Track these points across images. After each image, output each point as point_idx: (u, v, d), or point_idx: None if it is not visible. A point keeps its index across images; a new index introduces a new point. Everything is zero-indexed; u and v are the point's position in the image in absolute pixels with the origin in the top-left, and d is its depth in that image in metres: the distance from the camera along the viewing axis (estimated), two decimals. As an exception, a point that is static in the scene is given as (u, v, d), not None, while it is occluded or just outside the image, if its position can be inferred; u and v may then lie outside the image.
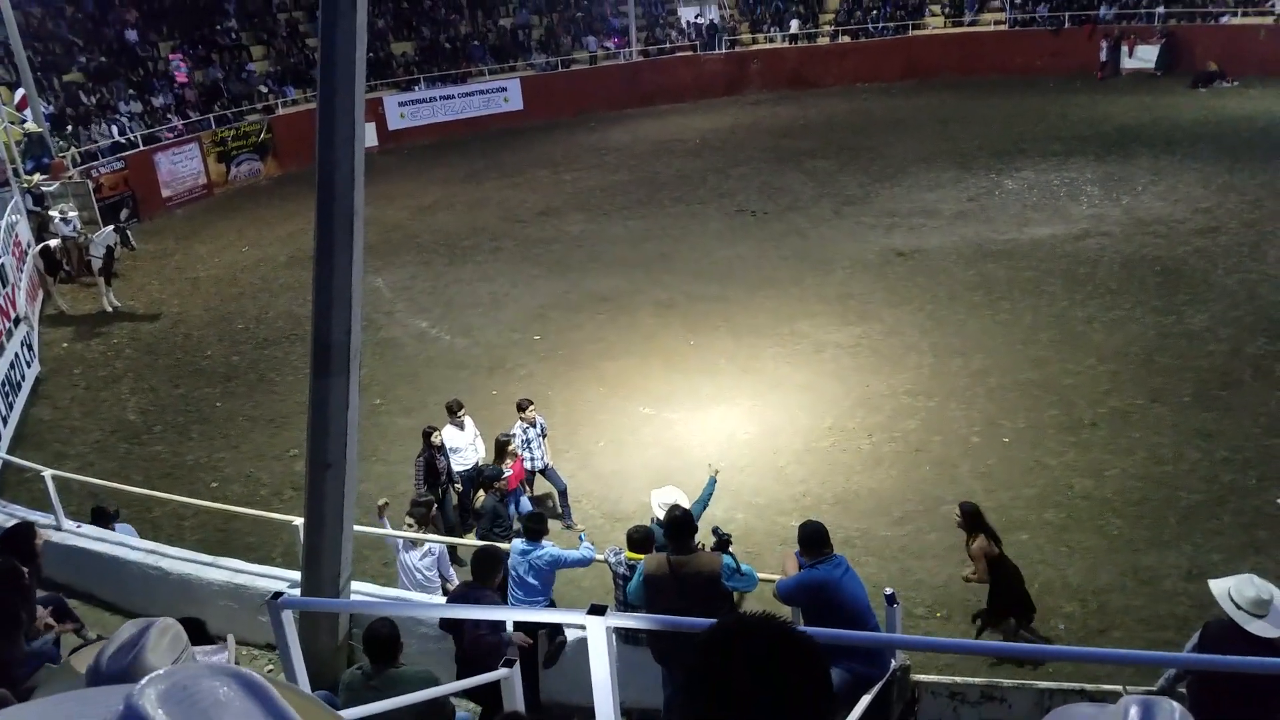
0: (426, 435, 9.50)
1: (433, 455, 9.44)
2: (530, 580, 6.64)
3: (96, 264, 16.45)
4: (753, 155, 23.84)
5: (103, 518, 8.70)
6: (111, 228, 16.89)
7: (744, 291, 15.13)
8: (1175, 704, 1.49)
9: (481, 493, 9.02)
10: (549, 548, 6.80)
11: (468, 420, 9.84)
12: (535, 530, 6.84)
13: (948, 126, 24.61)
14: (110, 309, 16.66)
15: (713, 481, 7.67)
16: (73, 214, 17.60)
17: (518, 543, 6.88)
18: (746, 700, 1.22)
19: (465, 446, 9.69)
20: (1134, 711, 1.49)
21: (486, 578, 5.88)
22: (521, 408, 9.78)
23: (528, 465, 9.64)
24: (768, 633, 1.28)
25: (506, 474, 8.85)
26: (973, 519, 7.28)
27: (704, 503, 7.45)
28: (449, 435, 9.66)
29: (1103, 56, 28.60)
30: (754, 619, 1.32)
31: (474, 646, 5.69)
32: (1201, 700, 4.28)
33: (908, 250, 16.29)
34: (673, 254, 17.28)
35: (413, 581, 7.68)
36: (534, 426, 9.75)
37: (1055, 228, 16.67)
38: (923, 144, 23.09)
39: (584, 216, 20.25)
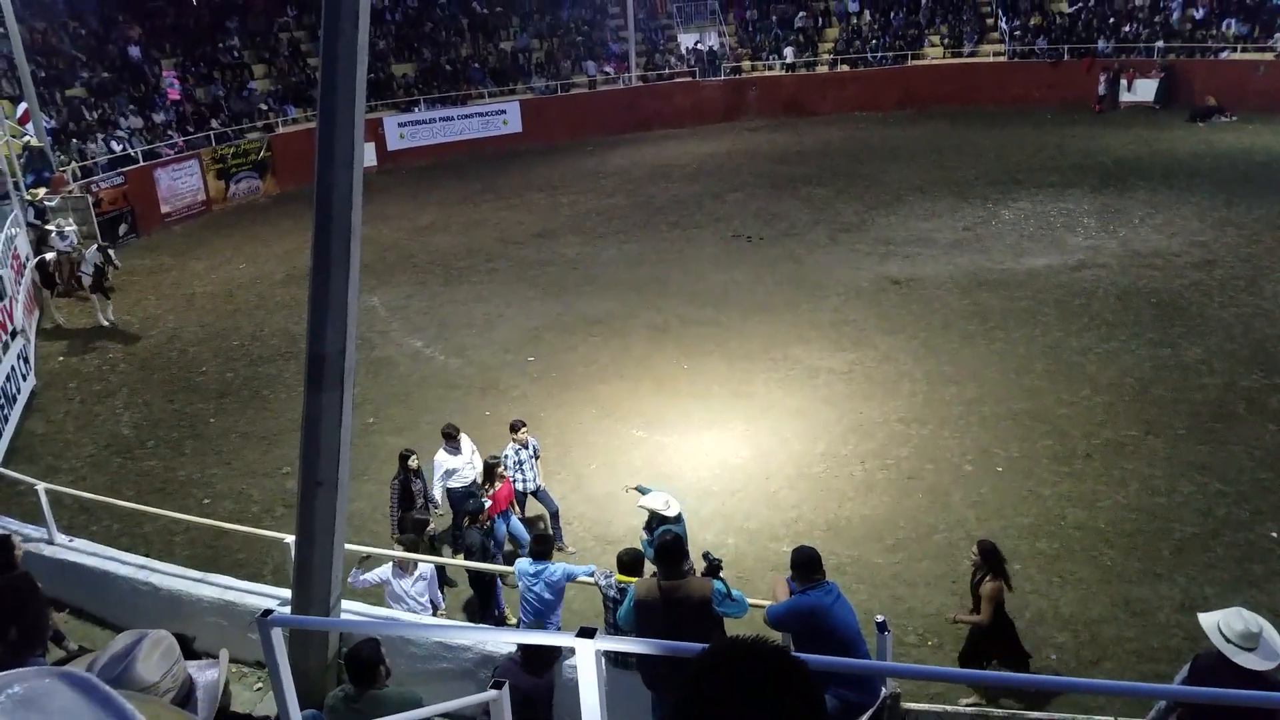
0: (403, 458, 9.44)
1: (408, 478, 9.38)
2: (547, 597, 6.66)
3: (87, 280, 16.45)
4: (749, 181, 23.98)
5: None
6: (95, 247, 16.86)
7: (738, 316, 15.17)
8: None
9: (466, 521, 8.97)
10: (560, 564, 6.84)
11: (465, 440, 9.80)
12: (542, 551, 6.88)
13: (945, 156, 24.81)
14: (106, 324, 16.66)
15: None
16: (70, 229, 17.57)
17: (525, 564, 6.87)
18: (736, 714, 1.21)
19: (463, 466, 9.66)
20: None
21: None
22: (514, 429, 9.76)
23: (519, 487, 9.61)
24: (760, 656, 1.27)
25: (486, 504, 8.76)
26: (991, 558, 6.85)
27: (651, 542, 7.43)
28: (441, 459, 9.62)
29: (1101, 90, 28.88)
30: (745, 642, 1.31)
31: None
32: (1192, 733, 4.27)
33: (903, 278, 16.36)
34: (667, 278, 17.34)
35: (406, 610, 7.59)
36: (526, 448, 9.74)
37: (1051, 258, 16.76)
38: (919, 173, 23.26)
39: (580, 239, 20.33)
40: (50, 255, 16.91)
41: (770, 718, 1.21)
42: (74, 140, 23.27)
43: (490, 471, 9.23)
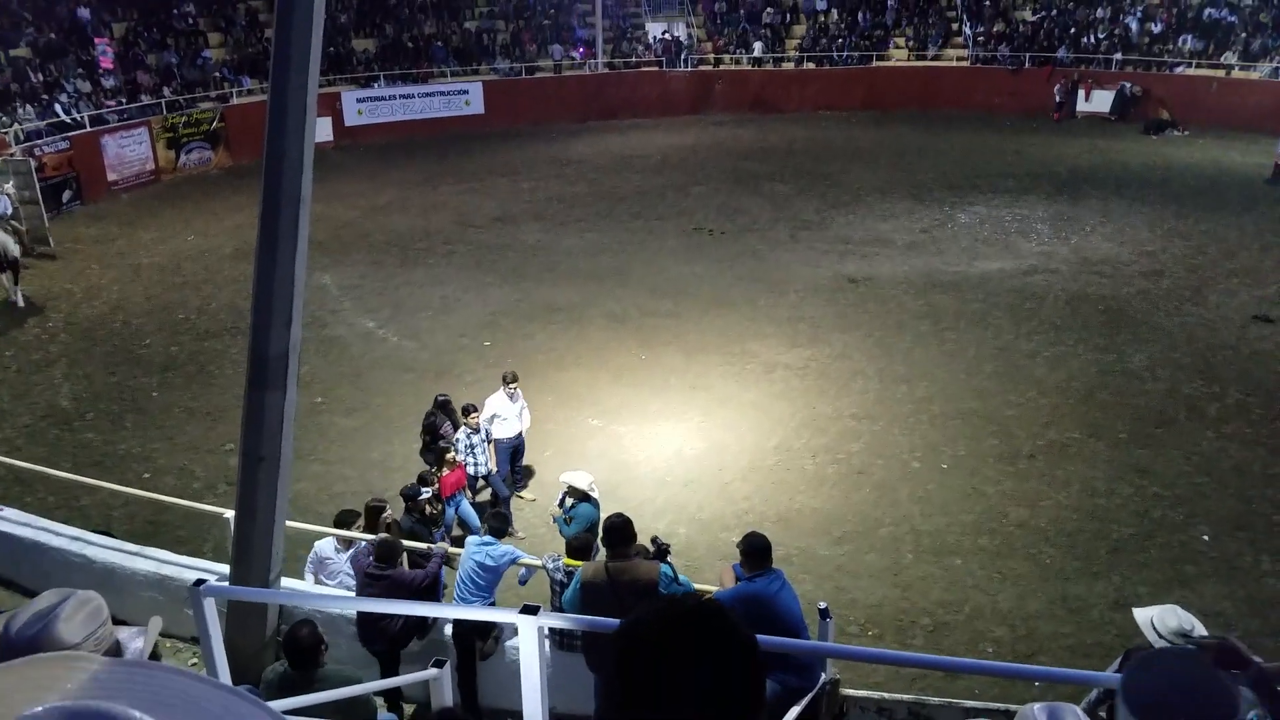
0: (439, 399, 10.03)
1: (438, 419, 9.73)
2: (480, 577, 6.57)
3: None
4: (712, 175, 24.01)
5: None
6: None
7: (697, 309, 15.19)
8: (1077, 708, 1.50)
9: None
10: (509, 546, 6.78)
11: (519, 392, 10.03)
12: (498, 530, 6.84)
13: (905, 158, 25.07)
14: (20, 303, 15.82)
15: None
16: (3, 193, 16.75)
17: (473, 539, 6.81)
18: (666, 689, 1.16)
19: (511, 416, 9.89)
20: (1040, 715, 1.50)
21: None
22: (466, 412, 9.68)
23: (470, 470, 9.55)
24: (691, 616, 1.22)
25: (425, 494, 8.61)
26: None
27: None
28: (497, 402, 9.86)
29: (1057, 98, 29.40)
30: (678, 602, 1.27)
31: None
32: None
33: (860, 277, 16.51)
34: (628, 268, 17.30)
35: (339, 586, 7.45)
36: (478, 432, 9.66)
37: (1004, 262, 17.03)
38: (879, 174, 23.49)
39: (540, 226, 20.18)
40: None
41: (701, 681, 1.16)
42: (19, 102, 22.51)
43: (441, 455, 9.14)
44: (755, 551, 5.40)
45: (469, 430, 9.58)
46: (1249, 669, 2.61)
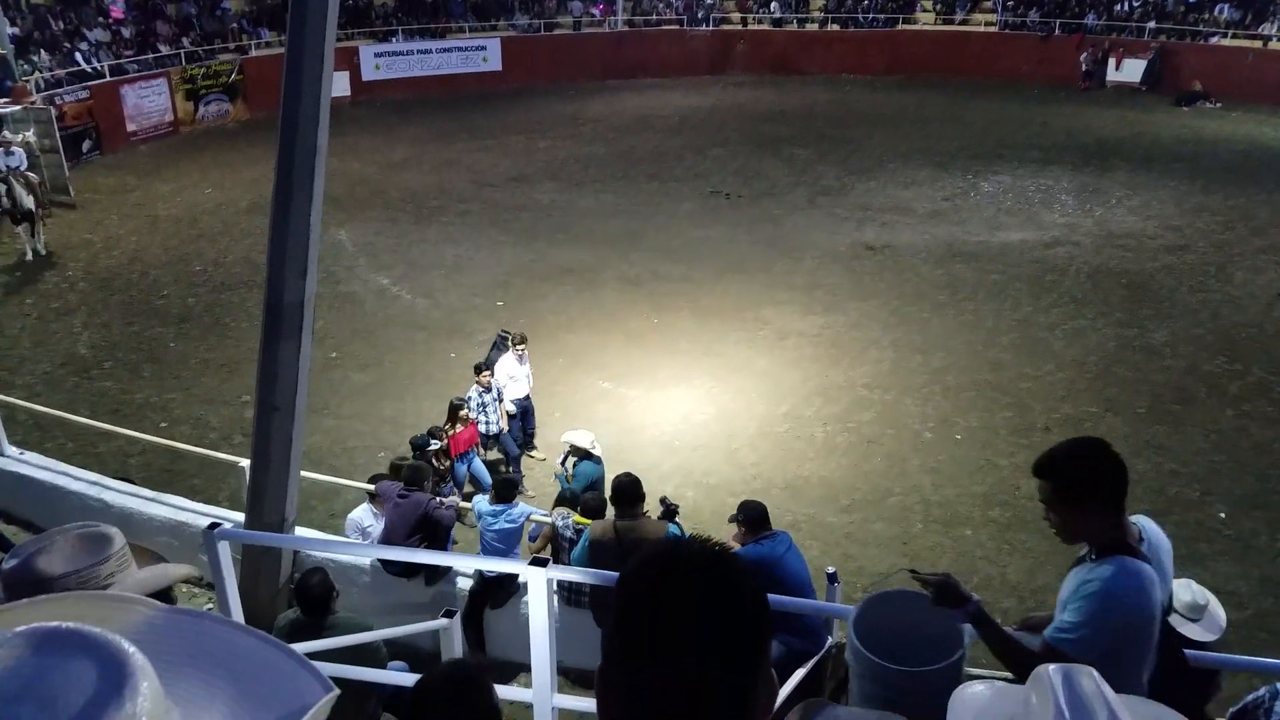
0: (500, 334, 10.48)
1: (494, 354, 10.25)
2: (503, 541, 6.63)
3: (6, 204, 15.28)
4: (731, 137, 23.75)
5: None
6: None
7: (711, 274, 15.09)
8: (1094, 670, 1.47)
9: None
10: (522, 505, 6.84)
11: (526, 354, 10.17)
12: (505, 496, 6.82)
13: (929, 125, 24.70)
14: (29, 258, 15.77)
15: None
16: (18, 145, 16.62)
17: (484, 504, 6.82)
18: (663, 640, 1.10)
19: (521, 377, 10.03)
20: (1055, 676, 1.47)
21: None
22: (478, 370, 9.70)
23: (482, 429, 9.57)
24: (696, 561, 1.15)
25: (434, 446, 8.64)
26: None
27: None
28: (507, 363, 9.95)
29: (1084, 67, 28.80)
30: (683, 545, 1.19)
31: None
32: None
33: (878, 245, 16.35)
34: (642, 231, 17.18)
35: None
36: (489, 391, 9.68)
37: (1026, 233, 16.82)
38: (902, 140, 23.16)
39: (555, 186, 20.05)
40: None
41: (704, 623, 1.10)
42: (39, 50, 22.45)
43: (454, 412, 9.16)
44: (757, 520, 5.44)
45: (480, 389, 9.59)
46: (968, 605, 2.78)
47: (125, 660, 0.91)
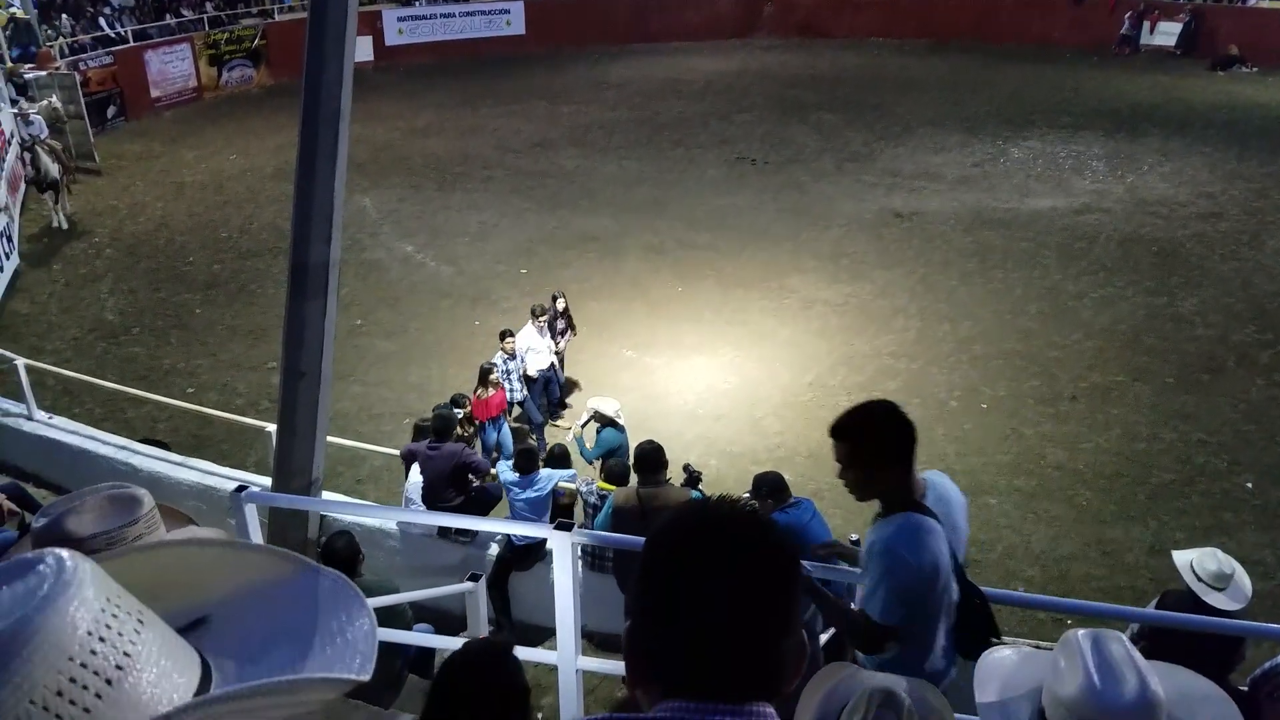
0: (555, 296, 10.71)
1: (553, 309, 10.39)
2: (533, 510, 6.69)
3: (31, 174, 15.40)
4: (758, 103, 23.46)
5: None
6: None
7: (736, 242, 14.98)
8: (1123, 635, 1.45)
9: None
10: (546, 471, 6.88)
11: (546, 327, 10.19)
12: (527, 466, 6.83)
13: (959, 90, 24.26)
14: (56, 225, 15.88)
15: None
16: (35, 113, 16.62)
17: (508, 473, 6.86)
18: (686, 600, 1.09)
19: (541, 348, 10.02)
20: (1084, 641, 1.45)
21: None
22: (503, 337, 9.75)
23: (507, 396, 9.62)
24: (725, 522, 1.14)
25: (457, 414, 8.68)
26: None
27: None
28: (529, 335, 9.94)
29: (1125, 29, 28.10)
30: (711, 502, 1.18)
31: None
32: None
33: (906, 212, 16.15)
34: (667, 198, 17.06)
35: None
36: (514, 358, 9.71)
37: (1056, 200, 16.54)
38: (932, 106, 22.77)
39: (579, 152, 19.93)
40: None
41: (733, 588, 1.09)
42: (63, 15, 22.51)
43: (484, 376, 9.20)
44: (777, 490, 5.45)
45: (505, 356, 9.63)
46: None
47: (64, 570, 1.04)
